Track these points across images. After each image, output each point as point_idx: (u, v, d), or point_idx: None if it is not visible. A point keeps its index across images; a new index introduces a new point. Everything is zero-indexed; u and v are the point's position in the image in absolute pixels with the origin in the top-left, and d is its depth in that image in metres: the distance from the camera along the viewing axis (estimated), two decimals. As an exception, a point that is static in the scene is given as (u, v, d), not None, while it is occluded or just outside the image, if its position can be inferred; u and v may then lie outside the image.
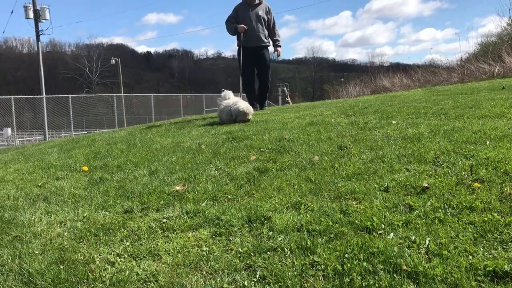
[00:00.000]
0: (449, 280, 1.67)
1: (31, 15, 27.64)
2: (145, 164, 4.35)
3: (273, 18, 8.69)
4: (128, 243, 2.41)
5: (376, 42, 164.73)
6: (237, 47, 8.71)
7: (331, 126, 5.18)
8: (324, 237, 2.17)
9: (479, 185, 2.62)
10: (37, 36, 28.03)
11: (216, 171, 3.70)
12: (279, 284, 1.80)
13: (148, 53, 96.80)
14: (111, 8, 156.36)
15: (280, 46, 8.79)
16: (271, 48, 8.90)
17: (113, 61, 46.99)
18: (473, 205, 2.33)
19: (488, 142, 3.55)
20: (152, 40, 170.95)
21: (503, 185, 2.59)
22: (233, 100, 6.90)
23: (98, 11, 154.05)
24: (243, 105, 6.63)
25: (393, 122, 4.97)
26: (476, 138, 3.75)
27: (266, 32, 8.53)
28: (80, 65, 79.05)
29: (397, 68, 26.00)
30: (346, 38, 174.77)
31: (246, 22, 8.32)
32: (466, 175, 2.82)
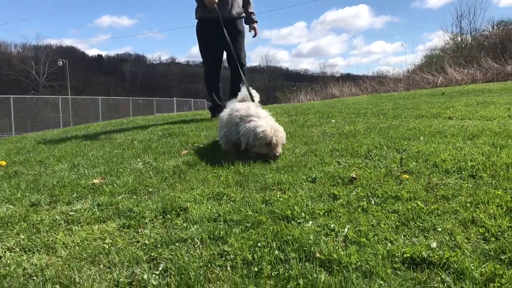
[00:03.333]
0: (364, 267, 1.54)
1: (-30, 10, 26.05)
2: (69, 158, 4.03)
3: None
4: (23, 236, 2.13)
5: (329, 53, 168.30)
6: (196, 21, 6.18)
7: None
8: (240, 227, 1.99)
9: (407, 176, 2.54)
10: (-23, 33, 26.48)
11: (142, 165, 3.46)
12: (182, 275, 1.60)
13: (99, 56, 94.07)
14: (62, 9, 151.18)
15: (256, 22, 6.32)
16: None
17: (60, 62, 45.22)
18: (399, 194, 2.23)
19: (421, 138, 3.53)
20: (104, 43, 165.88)
21: (431, 176, 2.52)
22: (247, 109, 3.64)
23: (48, 11, 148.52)
24: (267, 124, 3.38)
25: (332, 120, 4.91)
26: (410, 134, 3.72)
27: (241, 1, 6.16)
28: (26, 66, 75.57)
29: (348, 79, 26.58)
30: (300, 48, 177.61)
31: None
32: (396, 167, 2.74)
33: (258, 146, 3.33)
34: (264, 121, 3.41)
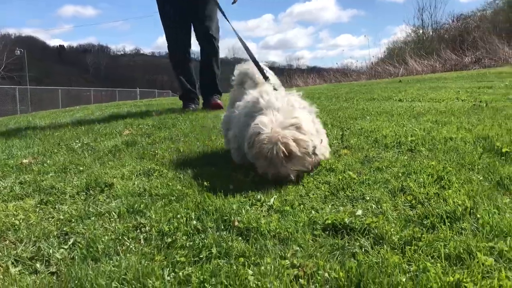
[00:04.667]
0: (282, 235, 1.46)
1: None
2: (4, 141, 3.81)
3: None
4: None
5: (296, 46, 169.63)
6: None
7: (224, 108, 4.95)
8: (164, 200, 1.88)
9: (346, 151, 2.49)
10: None
11: (79, 145, 3.29)
12: (90, 249, 1.48)
13: (61, 47, 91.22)
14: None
15: None
16: None
17: (18, 52, 43.62)
18: (334, 167, 2.17)
19: (368, 117, 3.50)
20: (67, 33, 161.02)
21: (370, 150, 2.47)
22: (259, 96, 2.33)
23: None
24: (273, 121, 2.08)
25: (285, 103, 4.85)
26: (358, 114, 3.69)
27: None
28: (-18, 56, 72.27)
29: (313, 71, 26.73)
30: (268, 40, 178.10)
31: None
32: (336, 143, 2.69)
33: (253, 158, 2.13)
34: (272, 116, 2.10)
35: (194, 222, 1.59)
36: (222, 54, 5.29)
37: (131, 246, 1.48)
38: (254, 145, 2.04)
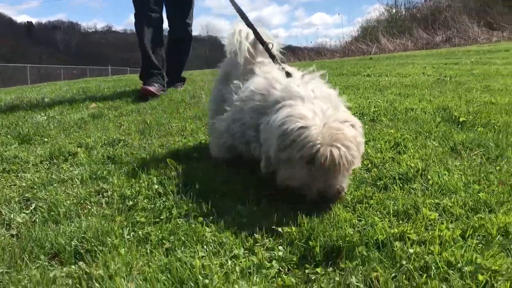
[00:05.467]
0: (243, 196, 1.51)
1: None
2: (-34, 115, 3.72)
3: None
4: None
5: (271, 24, 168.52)
6: None
7: (194, 83, 4.96)
8: (127, 167, 1.90)
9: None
10: None
11: (45, 118, 3.25)
12: (51, 213, 1.49)
13: (30, 23, 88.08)
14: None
15: None
16: None
17: (-17, 28, 41.94)
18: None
19: (335, 91, 3.55)
20: (34, 9, 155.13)
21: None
22: (278, 80, 1.71)
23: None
24: (318, 114, 1.46)
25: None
26: (325, 87, 3.74)
27: None
28: None
29: (288, 50, 26.61)
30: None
31: None
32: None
33: (287, 162, 1.47)
34: (314, 106, 1.51)
35: (156, 186, 1.62)
36: (195, 31, 4.99)
37: (92, 209, 1.50)
38: (294, 146, 1.41)
